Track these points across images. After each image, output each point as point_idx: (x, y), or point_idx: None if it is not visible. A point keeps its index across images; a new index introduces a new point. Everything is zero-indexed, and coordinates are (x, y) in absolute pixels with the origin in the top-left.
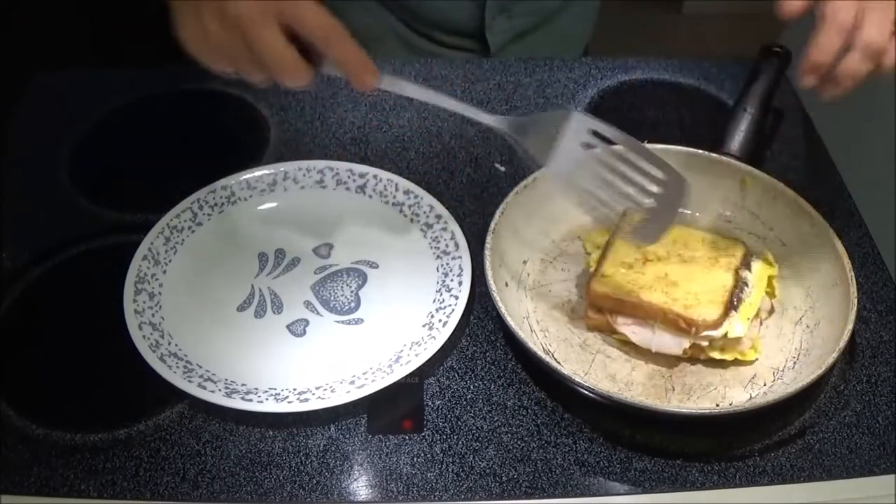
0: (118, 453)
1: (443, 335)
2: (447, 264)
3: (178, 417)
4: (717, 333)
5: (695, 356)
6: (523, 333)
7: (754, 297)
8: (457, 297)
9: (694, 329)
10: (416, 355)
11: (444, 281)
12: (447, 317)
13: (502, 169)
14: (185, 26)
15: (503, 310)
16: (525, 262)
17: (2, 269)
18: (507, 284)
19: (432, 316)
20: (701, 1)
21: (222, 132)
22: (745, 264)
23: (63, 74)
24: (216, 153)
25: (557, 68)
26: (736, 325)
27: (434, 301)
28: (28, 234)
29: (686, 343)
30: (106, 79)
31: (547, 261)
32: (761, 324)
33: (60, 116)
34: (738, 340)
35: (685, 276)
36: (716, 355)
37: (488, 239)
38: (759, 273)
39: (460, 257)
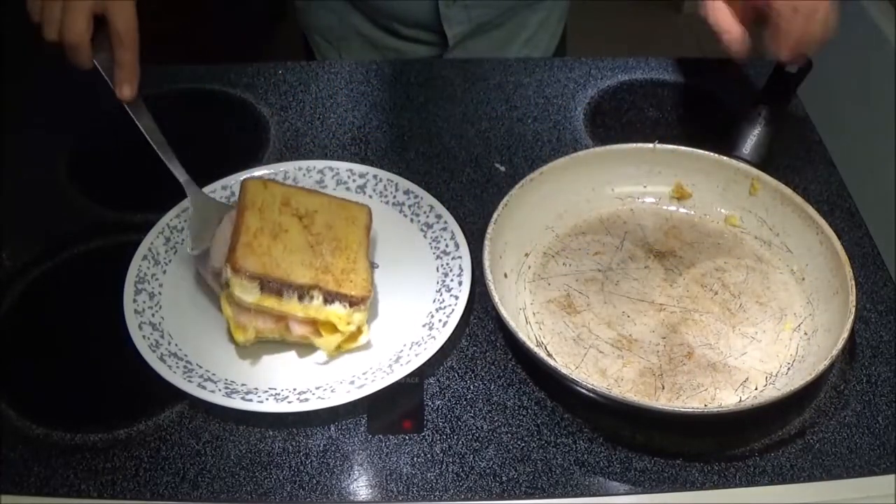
0: (118, 453)
1: (443, 335)
2: (447, 264)
3: (178, 417)
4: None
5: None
6: (516, 324)
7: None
8: (457, 297)
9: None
10: (416, 355)
11: (444, 281)
12: (447, 317)
13: (502, 169)
14: None
15: (496, 299)
16: (527, 255)
17: (2, 269)
18: (506, 276)
19: (432, 316)
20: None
21: (222, 132)
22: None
23: (63, 74)
24: (216, 153)
25: (557, 68)
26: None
27: (434, 301)
28: (28, 234)
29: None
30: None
31: (549, 255)
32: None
33: (60, 116)
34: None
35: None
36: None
37: (490, 228)
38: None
39: (460, 257)
